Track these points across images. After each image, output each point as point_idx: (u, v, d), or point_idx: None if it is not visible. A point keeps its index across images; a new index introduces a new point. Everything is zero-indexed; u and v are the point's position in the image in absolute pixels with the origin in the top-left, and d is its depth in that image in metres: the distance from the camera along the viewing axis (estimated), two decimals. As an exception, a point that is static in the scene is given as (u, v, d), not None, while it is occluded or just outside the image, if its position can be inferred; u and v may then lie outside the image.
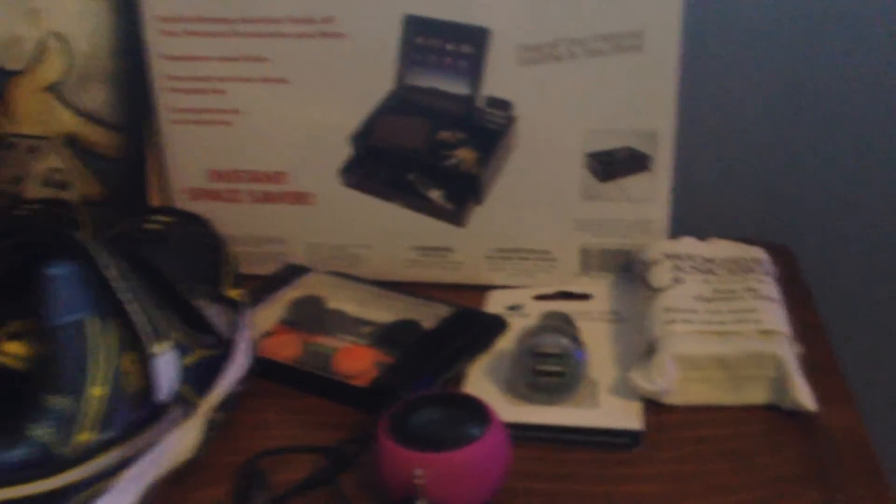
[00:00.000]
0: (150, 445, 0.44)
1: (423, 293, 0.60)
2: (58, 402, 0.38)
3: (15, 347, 0.41)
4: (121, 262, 0.43)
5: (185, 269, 0.50)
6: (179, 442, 0.46)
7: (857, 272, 0.72)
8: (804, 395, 0.48)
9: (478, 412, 0.45)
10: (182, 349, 0.45)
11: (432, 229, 0.63)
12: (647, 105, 0.58)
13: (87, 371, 0.40)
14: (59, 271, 0.40)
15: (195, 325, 0.47)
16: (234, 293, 0.52)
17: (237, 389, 0.50)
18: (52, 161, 0.66)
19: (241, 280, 0.54)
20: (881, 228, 0.71)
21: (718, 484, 0.46)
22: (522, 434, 0.49)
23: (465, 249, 0.63)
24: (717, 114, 0.69)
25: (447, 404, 0.45)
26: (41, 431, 0.38)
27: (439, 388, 0.51)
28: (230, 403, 0.50)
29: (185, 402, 0.46)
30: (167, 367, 0.43)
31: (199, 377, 0.47)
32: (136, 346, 0.42)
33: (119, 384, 0.41)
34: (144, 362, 0.42)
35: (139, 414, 0.42)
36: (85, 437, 0.39)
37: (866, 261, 0.72)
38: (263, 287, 0.61)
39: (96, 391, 0.40)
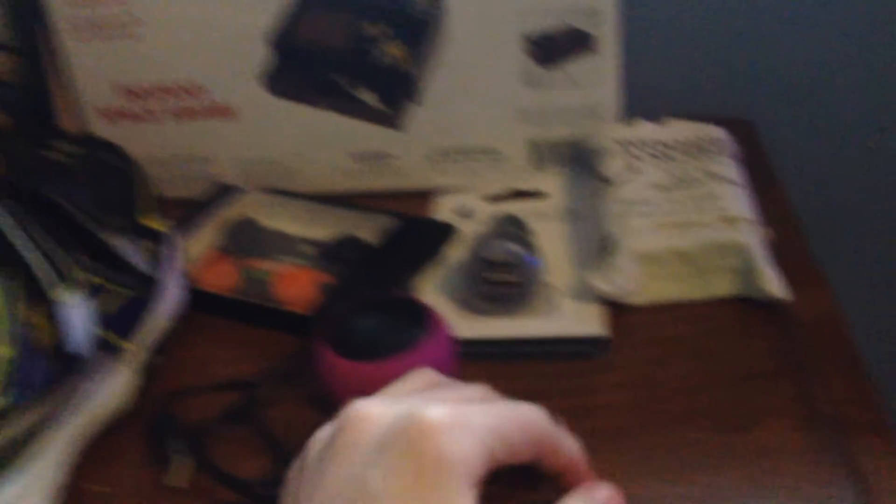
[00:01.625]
0: (73, 399, 0.40)
1: (365, 204, 0.56)
2: (-44, 369, 0.35)
3: None
4: (12, 202, 0.38)
5: (94, 201, 0.45)
6: (108, 391, 0.42)
7: (822, 144, 0.69)
8: (773, 284, 0.45)
9: (418, 313, 0.42)
10: (96, 291, 0.41)
11: (368, 134, 0.58)
12: (588, -22, 0.53)
13: (-14, 331, 0.36)
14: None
15: (110, 262, 0.43)
16: (154, 222, 0.48)
17: (169, 327, 0.47)
18: (-52, 91, 0.60)
19: (164, 206, 0.50)
20: (845, 96, 0.68)
21: (689, 385, 0.43)
22: (477, 350, 0.46)
23: (405, 153, 0.58)
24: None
25: (384, 309, 0.43)
26: (-60, 405, 0.34)
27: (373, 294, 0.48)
28: (163, 343, 0.46)
29: (108, 347, 0.42)
30: (77, 314, 0.39)
31: (123, 319, 0.43)
32: (42, 296, 0.38)
33: (28, 340, 0.37)
34: (52, 312, 0.38)
35: (56, 368, 0.39)
36: (-7, 404, 0.36)
37: (831, 131, 0.69)
38: (192, 211, 0.56)
39: (3, 351, 0.36)
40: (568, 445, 0.32)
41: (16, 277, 0.37)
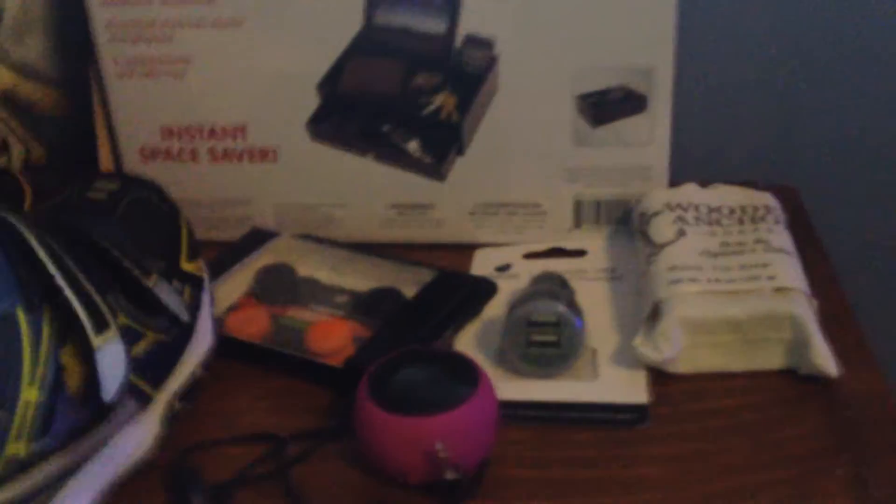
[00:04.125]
0: (99, 448, 0.39)
1: (404, 255, 0.55)
2: (-17, 411, 0.34)
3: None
4: (53, 240, 0.38)
5: (134, 242, 0.44)
6: (134, 440, 0.41)
7: (866, 211, 0.67)
8: (825, 359, 0.44)
9: (465, 369, 0.41)
10: (131, 336, 0.40)
11: (410, 184, 0.57)
12: (642, 39, 0.52)
13: (17, 373, 0.35)
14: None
15: (147, 306, 0.42)
16: (191, 266, 0.47)
17: (199, 375, 0.46)
18: (-9, 122, 0.60)
19: (199, 249, 0.49)
20: (890, 163, 0.66)
21: (732, 464, 0.41)
22: (515, 413, 0.44)
23: (446, 205, 0.57)
24: (712, 47, 0.63)
25: (429, 363, 0.42)
26: (-36, 447, 0.33)
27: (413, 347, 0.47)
28: (192, 391, 0.45)
29: (138, 394, 0.41)
30: (112, 360, 0.38)
31: (154, 365, 0.42)
32: (75, 338, 0.37)
33: (57, 383, 0.36)
34: (86, 355, 0.37)
35: (83, 414, 0.38)
36: (17, 449, 0.34)
37: (875, 199, 0.67)
38: (226, 256, 0.55)
39: (30, 395, 0.35)
40: None
41: (56, 319, 0.36)
